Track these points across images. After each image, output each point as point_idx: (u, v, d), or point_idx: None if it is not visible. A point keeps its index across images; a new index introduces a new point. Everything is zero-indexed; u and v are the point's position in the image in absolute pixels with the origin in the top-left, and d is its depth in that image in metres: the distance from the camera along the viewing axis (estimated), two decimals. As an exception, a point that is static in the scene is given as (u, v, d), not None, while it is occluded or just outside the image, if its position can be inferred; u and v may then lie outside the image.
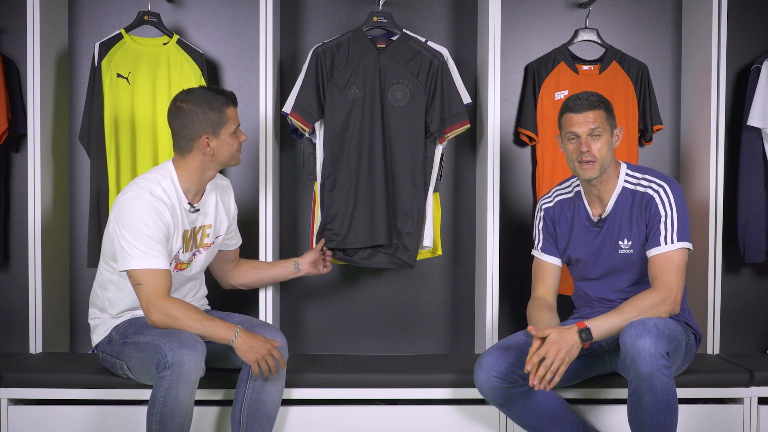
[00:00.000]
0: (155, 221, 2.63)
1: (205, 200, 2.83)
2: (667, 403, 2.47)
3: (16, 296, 3.50)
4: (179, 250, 2.75)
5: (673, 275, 2.66)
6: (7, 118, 3.40)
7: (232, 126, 2.75)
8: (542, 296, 2.87)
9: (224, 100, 2.73)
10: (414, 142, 3.32)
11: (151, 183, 2.70)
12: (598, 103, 2.72)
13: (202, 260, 2.87)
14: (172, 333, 2.59)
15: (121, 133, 3.33)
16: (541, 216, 2.95)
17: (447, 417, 2.94)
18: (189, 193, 2.76)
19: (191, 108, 2.70)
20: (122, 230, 2.63)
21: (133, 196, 2.65)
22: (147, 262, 2.61)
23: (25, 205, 3.38)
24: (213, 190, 2.87)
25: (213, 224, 2.86)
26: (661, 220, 2.70)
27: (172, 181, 2.73)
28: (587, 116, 2.71)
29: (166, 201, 2.68)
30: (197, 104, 2.70)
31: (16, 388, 2.89)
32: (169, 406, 2.51)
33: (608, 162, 2.74)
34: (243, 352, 2.65)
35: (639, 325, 2.50)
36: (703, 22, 3.38)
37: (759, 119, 3.41)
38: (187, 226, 2.76)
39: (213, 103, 2.71)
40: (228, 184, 2.98)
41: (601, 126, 2.71)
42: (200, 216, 2.81)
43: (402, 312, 3.68)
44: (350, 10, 3.59)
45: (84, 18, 3.55)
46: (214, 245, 2.90)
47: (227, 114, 2.73)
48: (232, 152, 2.77)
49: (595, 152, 2.71)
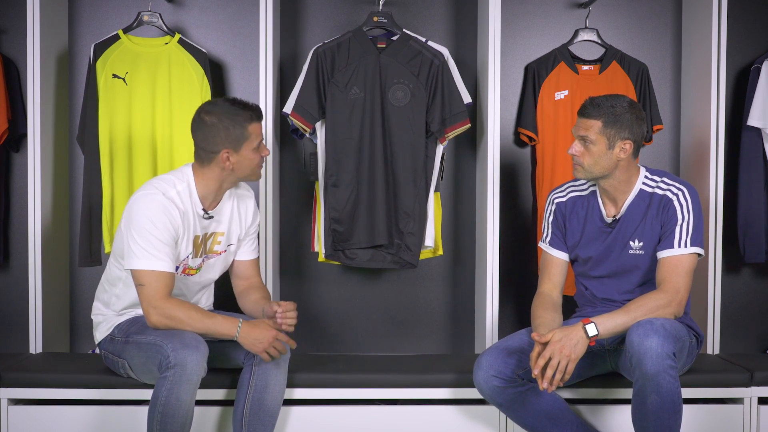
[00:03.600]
0: (164, 223, 2.62)
1: (220, 208, 2.80)
2: (672, 404, 2.47)
3: (16, 296, 3.50)
4: (189, 255, 2.74)
5: (682, 278, 2.66)
6: (7, 118, 3.40)
7: (255, 141, 2.70)
8: (548, 292, 2.86)
9: (248, 116, 2.68)
10: (415, 142, 3.32)
11: (166, 184, 2.68)
12: (599, 114, 2.70)
13: (213, 267, 2.84)
14: (174, 333, 2.59)
15: (115, 135, 3.33)
16: (552, 209, 2.92)
17: (447, 417, 2.94)
18: (205, 200, 2.75)
19: (213, 122, 2.66)
20: (131, 229, 2.63)
21: (145, 195, 2.65)
22: (151, 263, 2.60)
23: (25, 205, 3.37)
24: (231, 198, 2.83)
25: (226, 232, 2.83)
26: (678, 223, 2.70)
27: (189, 185, 2.71)
28: (582, 122, 2.73)
29: (179, 204, 2.67)
30: (219, 118, 2.66)
31: (16, 388, 2.88)
32: (170, 407, 2.51)
33: (599, 171, 2.73)
34: (248, 345, 2.66)
35: (647, 325, 2.49)
36: (703, 22, 3.38)
37: (759, 119, 3.41)
38: (198, 232, 2.75)
39: (236, 118, 2.66)
40: (249, 195, 2.91)
41: (592, 136, 2.70)
42: (213, 223, 2.79)
43: (402, 312, 3.68)
44: (350, 10, 3.59)
45: (84, 18, 3.55)
46: (227, 253, 2.86)
47: (249, 130, 2.68)
48: (253, 167, 2.73)
49: (579, 157, 2.73)
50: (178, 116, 3.33)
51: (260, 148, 2.74)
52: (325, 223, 3.34)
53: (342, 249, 3.35)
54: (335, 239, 3.34)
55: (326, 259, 3.39)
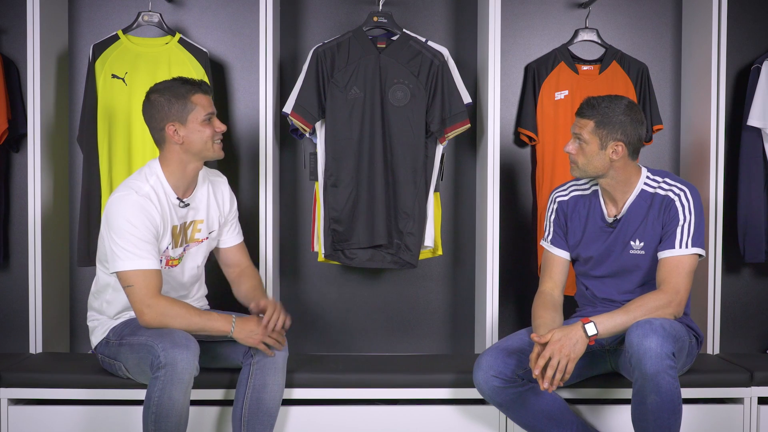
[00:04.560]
0: (142, 221, 2.61)
1: (195, 195, 2.80)
2: (672, 404, 2.47)
3: (16, 296, 3.51)
4: (168, 246, 2.73)
5: (682, 279, 2.66)
6: (7, 118, 3.40)
7: (201, 113, 2.70)
8: (549, 291, 2.86)
9: (189, 88, 2.70)
10: (415, 142, 3.32)
11: (138, 182, 2.69)
12: (593, 114, 2.72)
13: (195, 256, 2.84)
14: (165, 333, 2.58)
15: (114, 135, 3.32)
16: (554, 208, 2.93)
17: (447, 417, 2.94)
18: (178, 189, 2.74)
19: (156, 98, 2.69)
20: (110, 232, 2.62)
21: (119, 198, 2.64)
22: (136, 263, 2.59)
23: (25, 205, 3.38)
24: (205, 183, 2.84)
25: (205, 219, 2.83)
26: (679, 224, 2.70)
27: (158, 177, 2.71)
28: (578, 121, 2.76)
29: (154, 198, 2.67)
30: (161, 94, 2.69)
31: (16, 388, 2.89)
32: (163, 406, 2.51)
33: (592, 170, 2.75)
34: (243, 339, 2.67)
35: (646, 325, 2.50)
36: (703, 22, 3.38)
37: (759, 119, 3.41)
38: (176, 222, 2.75)
39: (177, 90, 2.68)
40: (222, 180, 2.94)
41: (586, 135, 2.73)
42: (191, 211, 2.79)
43: (402, 312, 3.68)
44: (350, 10, 3.59)
45: (84, 18, 3.55)
46: (209, 240, 2.87)
47: (193, 101, 2.69)
48: (205, 140, 2.70)
49: (574, 155, 2.76)
50: (178, 116, 3.32)
51: (213, 122, 2.73)
52: (325, 223, 3.34)
53: (342, 249, 3.35)
54: (335, 239, 3.34)
55: (326, 259, 3.39)
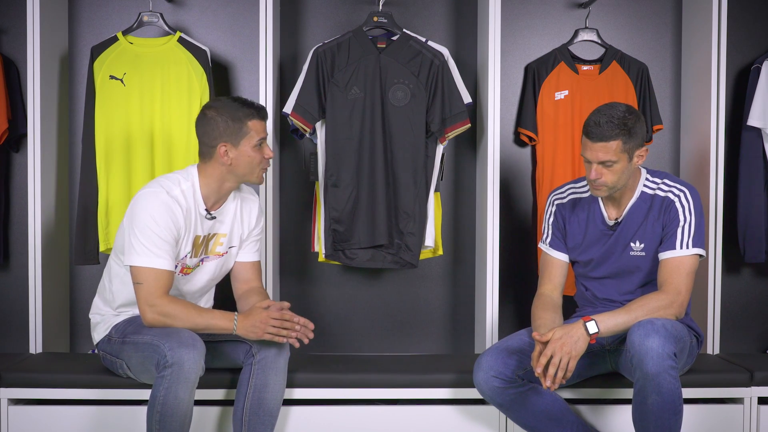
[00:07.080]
0: (165, 221, 2.63)
1: (223, 209, 2.80)
2: (673, 404, 2.47)
3: (16, 296, 3.51)
4: (187, 255, 2.74)
5: (683, 280, 2.66)
6: (7, 118, 3.40)
7: (254, 138, 2.71)
8: (548, 293, 2.86)
9: (248, 112, 2.70)
10: (415, 142, 3.32)
11: (171, 183, 2.70)
12: (615, 133, 2.61)
13: (210, 269, 2.83)
14: (171, 332, 2.59)
15: (112, 135, 3.32)
16: (552, 211, 2.92)
17: (447, 417, 2.94)
18: (208, 201, 2.75)
19: (213, 116, 2.69)
20: (132, 225, 2.63)
21: (149, 193, 2.65)
22: (151, 261, 2.61)
23: (25, 205, 3.38)
24: (235, 200, 2.84)
25: (228, 234, 2.83)
26: (680, 225, 2.69)
27: (193, 184, 2.72)
28: (600, 147, 2.64)
29: (182, 203, 2.68)
30: (219, 112, 2.69)
31: (16, 388, 2.89)
32: (169, 406, 2.51)
33: (622, 183, 2.70)
34: (247, 332, 2.65)
35: (647, 325, 2.49)
36: (703, 22, 3.38)
37: (759, 119, 3.41)
38: (200, 232, 2.75)
39: (236, 113, 2.69)
40: (254, 198, 2.91)
41: (614, 157, 2.63)
42: (216, 224, 2.79)
43: (402, 312, 3.68)
44: (350, 10, 3.59)
45: (84, 18, 3.55)
46: (228, 255, 2.86)
47: (249, 126, 2.69)
48: (252, 165, 2.72)
49: (604, 180, 2.67)
50: (177, 115, 3.32)
51: (262, 148, 2.74)
52: (325, 223, 3.34)
53: (342, 249, 3.35)
54: (335, 239, 3.34)
55: (326, 259, 3.39)
